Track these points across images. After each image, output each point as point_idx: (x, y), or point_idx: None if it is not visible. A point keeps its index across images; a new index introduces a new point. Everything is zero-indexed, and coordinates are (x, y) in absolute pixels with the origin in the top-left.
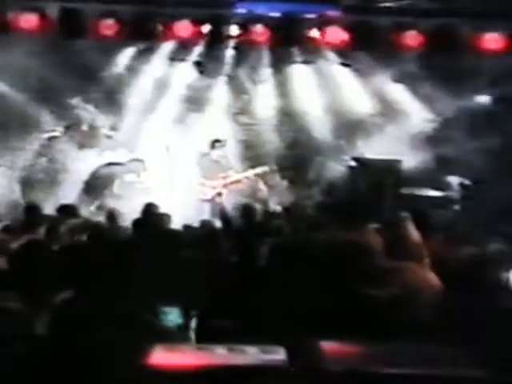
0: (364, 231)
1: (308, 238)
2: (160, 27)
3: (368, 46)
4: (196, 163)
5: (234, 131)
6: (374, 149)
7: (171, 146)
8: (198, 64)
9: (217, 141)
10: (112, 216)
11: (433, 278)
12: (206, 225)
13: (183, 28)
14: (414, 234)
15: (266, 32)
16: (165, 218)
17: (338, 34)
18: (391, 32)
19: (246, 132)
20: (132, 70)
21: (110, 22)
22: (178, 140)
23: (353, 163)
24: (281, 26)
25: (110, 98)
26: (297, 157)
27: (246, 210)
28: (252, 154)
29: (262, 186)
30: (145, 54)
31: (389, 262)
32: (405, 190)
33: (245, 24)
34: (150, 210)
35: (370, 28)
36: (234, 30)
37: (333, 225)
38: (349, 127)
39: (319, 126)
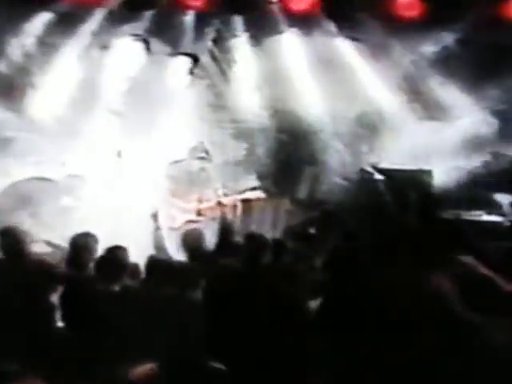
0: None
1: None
2: None
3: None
4: (163, 175)
5: (206, 132)
6: (393, 155)
7: (124, 152)
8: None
9: (199, 147)
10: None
11: None
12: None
13: None
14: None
15: None
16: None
17: None
18: None
19: (220, 133)
20: (48, 45)
21: None
22: (135, 144)
23: (376, 175)
24: None
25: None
26: (285, 167)
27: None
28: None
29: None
30: (68, 21)
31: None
32: (445, 214)
33: None
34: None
35: None
36: None
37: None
38: (359, 126)
39: (317, 124)
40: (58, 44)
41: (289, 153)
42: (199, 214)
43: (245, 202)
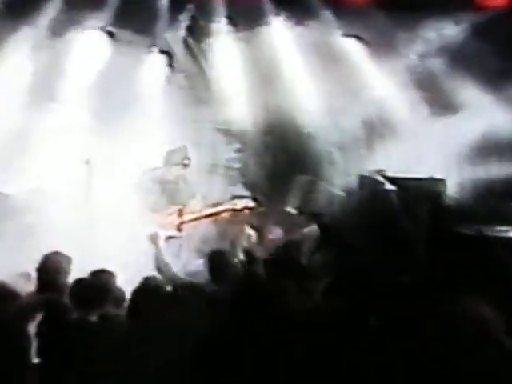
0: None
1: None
2: None
3: None
4: (137, 186)
5: (184, 135)
6: (400, 161)
7: (93, 160)
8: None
9: (179, 152)
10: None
11: None
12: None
13: None
14: None
15: None
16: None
17: None
18: None
19: (200, 136)
20: None
21: None
22: (105, 150)
23: (387, 185)
24: None
25: None
26: (274, 174)
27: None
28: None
29: (247, 228)
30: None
31: None
32: (462, 229)
33: None
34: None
35: None
36: None
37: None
38: (360, 128)
39: (311, 125)
40: (8, 35)
41: (278, 158)
42: (180, 229)
43: (231, 212)
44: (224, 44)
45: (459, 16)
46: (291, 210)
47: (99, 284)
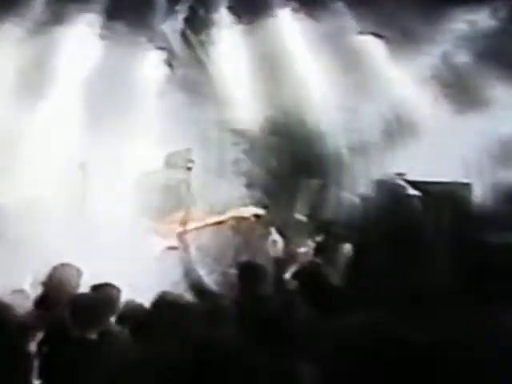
0: None
1: None
2: None
3: None
4: (135, 191)
5: (187, 136)
6: (421, 164)
7: (88, 164)
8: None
9: (182, 154)
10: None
11: None
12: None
13: None
14: None
15: None
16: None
17: None
18: None
19: (202, 137)
20: None
21: None
22: (101, 153)
23: (409, 189)
24: None
25: None
26: (281, 178)
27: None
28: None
29: (274, 233)
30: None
31: None
32: (489, 237)
33: None
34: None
35: None
36: None
37: None
38: (377, 127)
39: (323, 126)
40: None
41: (285, 160)
42: (182, 238)
43: (238, 220)
44: (226, 37)
45: (497, 4)
46: (300, 216)
47: (100, 299)
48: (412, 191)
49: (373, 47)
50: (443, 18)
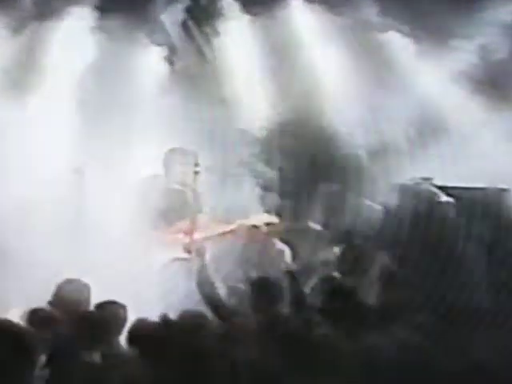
0: None
1: None
2: None
3: None
4: (135, 198)
5: (191, 138)
6: (453, 168)
7: (84, 168)
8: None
9: (186, 156)
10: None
11: None
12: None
13: None
14: None
15: None
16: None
17: None
18: None
19: (208, 138)
20: None
21: None
22: (98, 156)
23: (442, 196)
24: None
25: None
26: (294, 183)
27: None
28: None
29: (278, 243)
30: None
31: None
32: None
33: None
34: None
35: None
36: None
37: None
38: (401, 129)
39: (340, 125)
40: None
41: (299, 163)
42: (189, 249)
43: (248, 229)
44: (232, 29)
45: None
46: (314, 225)
47: (107, 318)
48: (445, 198)
49: (398, 42)
50: (480, 9)
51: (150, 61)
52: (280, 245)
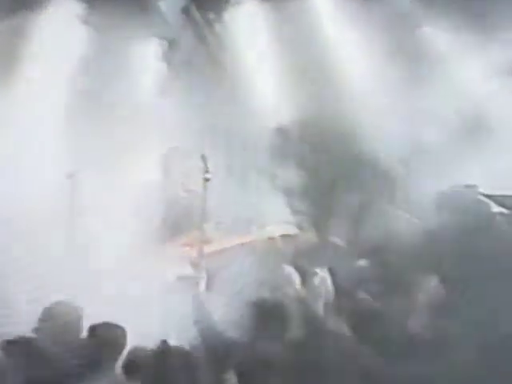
0: None
1: None
2: None
3: None
4: (135, 207)
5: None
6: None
7: (78, 174)
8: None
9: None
10: None
11: None
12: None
13: None
14: None
15: None
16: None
17: None
18: None
19: (218, 142)
20: None
21: None
22: (93, 162)
23: (493, 206)
24: None
25: None
26: (315, 191)
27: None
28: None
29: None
30: None
31: None
32: None
33: None
34: None
35: None
36: None
37: None
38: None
39: (368, 129)
40: None
41: (319, 169)
42: (196, 264)
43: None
44: (242, 16)
45: None
46: (338, 240)
47: (100, 344)
48: (497, 208)
49: (438, 37)
50: None
51: (147, 56)
52: (288, 269)
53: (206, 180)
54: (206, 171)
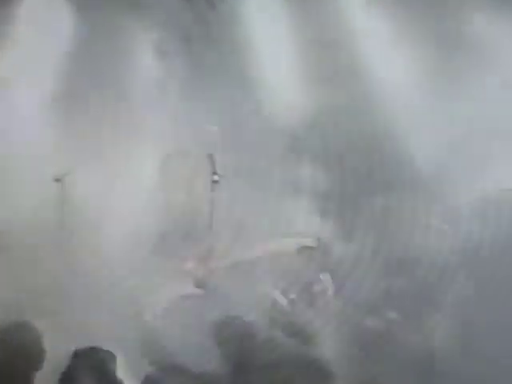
0: None
1: None
2: None
3: None
4: (131, 215)
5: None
6: None
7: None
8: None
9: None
10: None
11: None
12: None
13: None
14: None
15: None
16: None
17: None
18: None
19: (229, 142)
20: None
21: None
22: (84, 163)
23: None
24: None
25: None
26: (338, 195)
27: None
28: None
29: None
30: None
31: None
32: None
33: None
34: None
35: None
36: None
37: None
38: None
39: (398, 129)
40: None
41: (340, 173)
42: (203, 283)
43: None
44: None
45: None
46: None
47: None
48: None
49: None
50: None
51: (143, 47)
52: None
53: (214, 182)
54: (214, 173)
